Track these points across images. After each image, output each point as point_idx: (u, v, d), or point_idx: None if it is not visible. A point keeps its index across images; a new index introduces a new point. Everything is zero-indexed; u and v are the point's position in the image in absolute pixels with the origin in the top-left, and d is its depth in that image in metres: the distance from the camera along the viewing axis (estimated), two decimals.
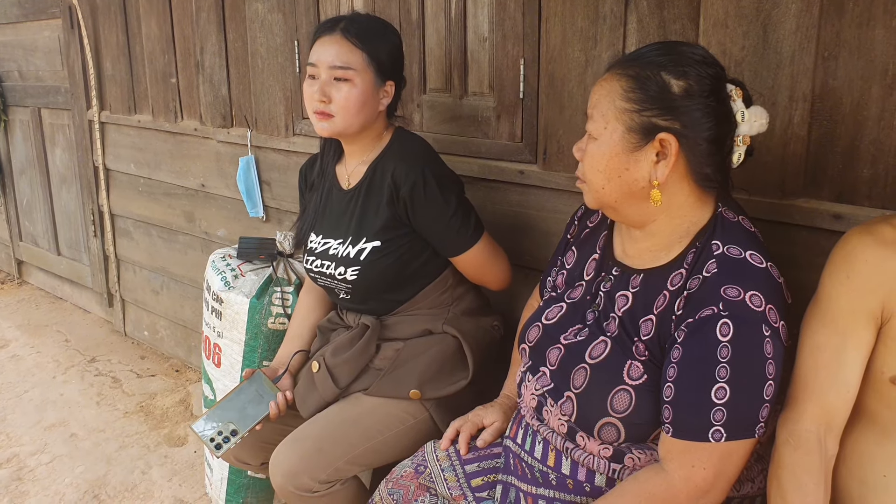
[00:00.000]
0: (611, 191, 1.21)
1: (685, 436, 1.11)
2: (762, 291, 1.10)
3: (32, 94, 4.00)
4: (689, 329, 1.12)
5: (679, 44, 1.21)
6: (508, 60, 1.85)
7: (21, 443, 2.83)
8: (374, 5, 2.15)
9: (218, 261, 2.27)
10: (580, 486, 1.27)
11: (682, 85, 1.15)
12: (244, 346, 2.15)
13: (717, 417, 1.08)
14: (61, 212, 4.08)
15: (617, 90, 1.18)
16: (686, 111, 1.15)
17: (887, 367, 1.08)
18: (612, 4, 1.63)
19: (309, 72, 1.69)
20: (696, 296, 1.14)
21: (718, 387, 1.08)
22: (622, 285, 1.28)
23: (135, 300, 3.66)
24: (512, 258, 1.96)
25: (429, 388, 1.72)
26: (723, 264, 1.14)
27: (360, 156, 1.77)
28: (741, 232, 1.20)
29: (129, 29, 3.17)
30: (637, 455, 1.22)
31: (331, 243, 1.79)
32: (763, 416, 1.09)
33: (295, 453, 1.64)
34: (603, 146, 1.20)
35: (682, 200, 1.21)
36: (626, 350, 1.21)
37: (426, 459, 1.52)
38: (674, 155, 1.16)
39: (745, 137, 1.19)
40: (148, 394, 3.19)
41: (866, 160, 1.35)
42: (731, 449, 1.10)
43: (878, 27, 1.29)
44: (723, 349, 1.08)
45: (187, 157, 3.06)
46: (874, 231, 1.11)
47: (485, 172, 1.96)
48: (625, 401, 1.18)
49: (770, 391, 1.09)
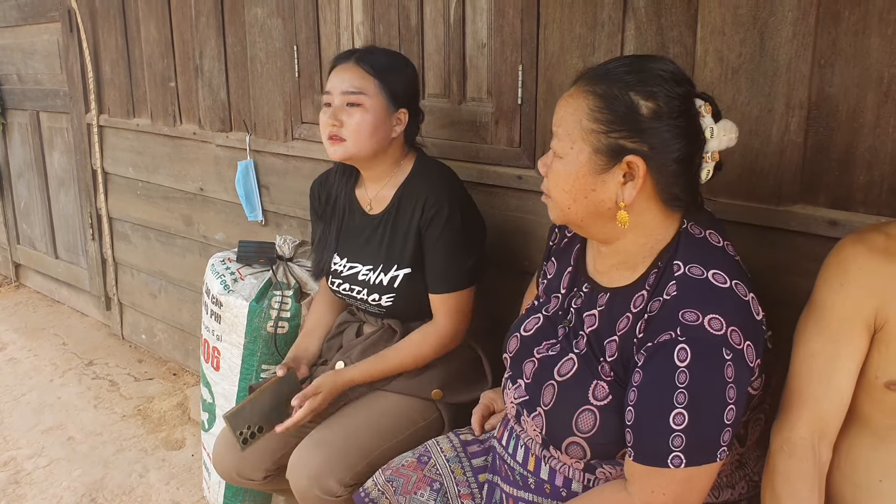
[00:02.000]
0: (577, 210, 1.19)
1: (645, 461, 1.10)
2: (723, 314, 1.07)
3: (31, 98, 4.00)
4: (648, 353, 1.10)
5: (648, 59, 1.17)
6: (507, 66, 1.86)
7: (18, 446, 2.83)
8: (374, 12, 2.16)
9: (217, 264, 2.28)
10: (557, 492, 1.27)
11: (650, 106, 1.11)
12: (243, 350, 2.15)
13: (676, 443, 1.06)
14: (59, 215, 4.08)
15: (584, 109, 1.14)
16: (654, 133, 1.11)
17: (881, 372, 1.09)
18: (611, 11, 1.65)
19: (324, 100, 1.73)
20: (655, 319, 1.12)
21: (676, 412, 1.05)
22: (590, 304, 1.26)
23: (132, 303, 3.66)
24: (509, 263, 1.98)
25: (449, 391, 1.78)
26: (682, 286, 1.12)
27: (381, 181, 1.80)
28: (706, 249, 1.17)
29: (129, 33, 3.18)
30: (608, 469, 1.21)
31: (359, 268, 1.81)
32: (724, 441, 1.07)
33: (319, 455, 1.64)
34: (569, 166, 1.16)
35: (648, 219, 1.18)
36: (592, 369, 1.20)
37: (429, 450, 1.52)
38: (641, 177, 1.12)
39: (714, 153, 1.16)
40: (145, 397, 3.19)
41: (862, 167, 1.36)
42: (692, 475, 1.08)
43: (873, 35, 1.31)
44: (680, 374, 1.05)
45: (186, 161, 3.06)
46: (867, 239, 1.12)
47: (483, 177, 1.97)
48: (589, 421, 1.17)
49: (731, 415, 1.06)
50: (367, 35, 2.20)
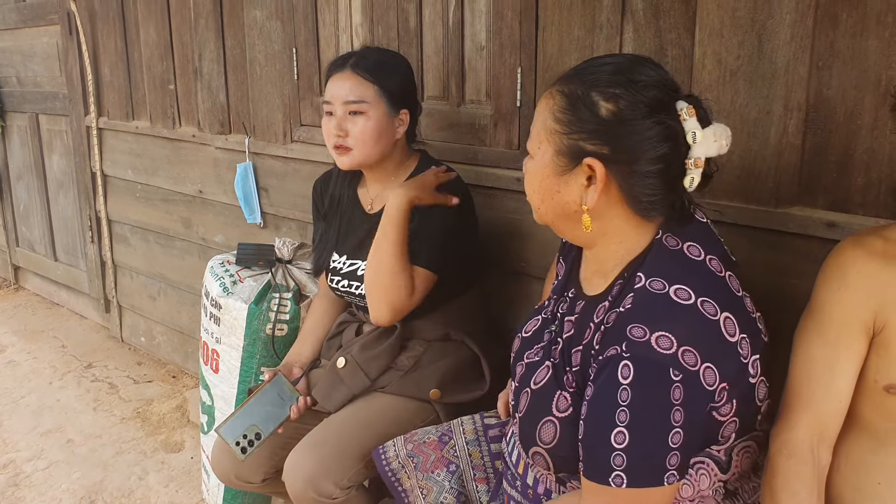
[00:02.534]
0: (546, 210, 1.18)
1: (590, 476, 1.06)
2: (675, 332, 1.01)
3: (30, 100, 4.00)
4: (598, 367, 1.07)
5: (628, 60, 1.12)
6: (506, 69, 1.87)
7: (17, 448, 2.83)
8: (373, 14, 2.16)
9: (217, 266, 2.28)
10: (538, 499, 1.26)
11: (610, 108, 1.07)
12: (242, 352, 2.15)
13: (617, 462, 1.02)
14: (58, 217, 4.08)
15: (550, 109, 1.12)
16: (615, 137, 1.07)
17: (881, 375, 1.09)
18: (609, 14, 1.65)
19: (325, 109, 1.74)
20: (608, 332, 1.08)
21: (618, 431, 1.01)
22: (571, 310, 1.24)
23: (132, 306, 3.66)
24: (508, 264, 1.98)
25: (447, 391, 1.77)
26: (638, 300, 1.07)
27: (384, 181, 1.81)
28: (677, 262, 1.11)
29: (128, 35, 3.18)
30: (576, 484, 1.19)
31: (358, 264, 1.82)
32: (672, 465, 1.01)
33: (315, 457, 1.63)
34: (537, 165, 1.15)
35: (617, 226, 1.14)
36: (559, 380, 1.17)
37: (451, 430, 1.52)
38: (601, 181, 1.08)
39: (698, 160, 1.08)
40: (145, 400, 3.19)
41: (860, 169, 1.36)
42: (637, 497, 1.03)
43: (871, 38, 1.31)
44: (622, 392, 1.01)
45: (185, 164, 3.07)
46: (865, 242, 1.12)
47: (482, 179, 1.97)
48: (550, 432, 1.15)
49: (678, 439, 1.01)
50: (366, 37, 2.20)
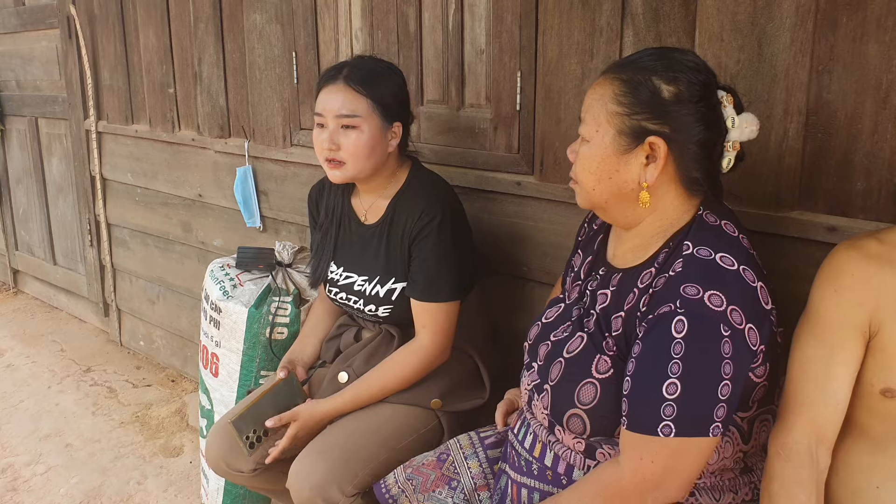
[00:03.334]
0: (601, 192, 1.24)
1: (636, 428, 1.12)
2: (725, 292, 1.10)
3: (30, 104, 4.00)
4: (647, 325, 1.14)
5: (672, 50, 1.23)
6: (505, 72, 1.87)
7: (16, 453, 2.82)
8: (373, 18, 2.16)
9: (217, 270, 2.28)
10: (558, 478, 1.30)
11: (672, 90, 1.17)
12: (242, 356, 2.15)
13: (668, 412, 1.09)
14: (58, 221, 4.07)
15: (609, 94, 1.21)
16: (675, 116, 1.17)
17: (877, 379, 1.09)
18: (609, 18, 1.65)
19: (317, 121, 1.72)
20: (658, 293, 1.16)
21: (670, 382, 1.09)
22: (604, 284, 1.31)
23: (131, 310, 3.66)
24: (508, 269, 1.97)
25: (448, 400, 1.77)
26: (688, 264, 1.16)
27: (377, 192, 1.80)
28: (718, 234, 1.20)
29: (127, 39, 3.18)
30: (608, 451, 1.24)
31: (354, 278, 1.81)
32: (718, 416, 1.09)
33: (322, 464, 1.63)
34: (594, 148, 1.22)
35: (667, 203, 1.23)
36: (597, 345, 1.24)
37: (449, 449, 1.55)
38: (663, 158, 1.18)
39: (735, 143, 1.21)
40: (144, 404, 3.18)
41: (860, 173, 1.36)
42: (683, 446, 1.10)
43: (871, 42, 1.31)
44: (676, 345, 1.09)
45: (184, 167, 3.06)
46: (861, 245, 1.13)
47: (481, 183, 1.97)
48: (590, 393, 1.21)
49: (726, 391, 1.08)
50: (366, 41, 2.20)
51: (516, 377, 1.75)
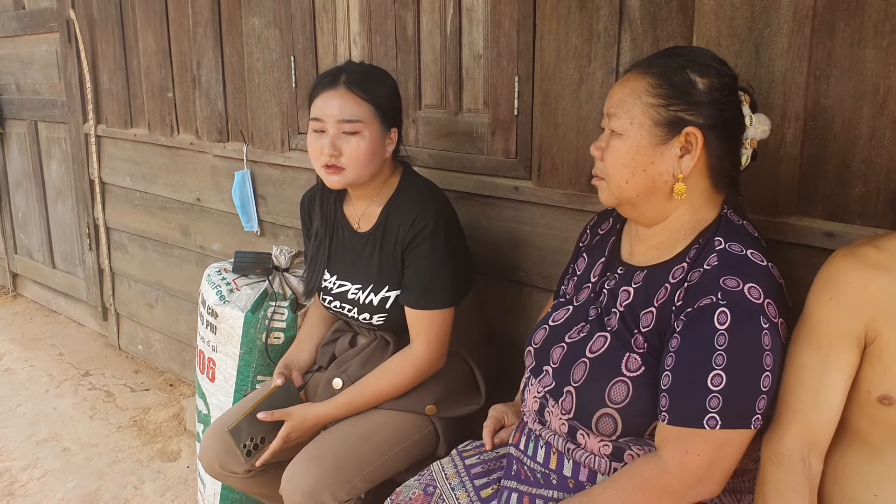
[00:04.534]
0: (634, 185, 1.24)
1: (680, 422, 1.12)
2: (761, 285, 1.13)
3: (29, 108, 4.00)
4: (687, 318, 1.15)
5: (694, 49, 1.27)
6: (503, 77, 1.86)
7: (13, 457, 2.82)
8: (371, 22, 2.16)
9: (213, 275, 2.27)
10: (581, 487, 1.28)
11: (705, 82, 1.20)
12: (239, 361, 2.14)
13: (713, 404, 1.09)
14: (57, 225, 4.07)
15: (643, 87, 1.22)
16: (709, 107, 1.19)
17: (874, 386, 1.09)
18: (607, 23, 1.65)
19: (313, 126, 1.68)
20: (695, 286, 1.17)
21: (714, 374, 1.09)
22: (625, 281, 1.30)
23: (129, 314, 3.65)
24: (506, 274, 1.97)
25: (443, 406, 1.76)
26: (723, 258, 1.17)
27: (370, 198, 1.78)
28: (744, 233, 1.23)
29: (126, 43, 3.18)
30: (636, 451, 1.23)
31: (348, 287, 1.80)
32: (760, 408, 1.10)
33: (315, 470, 1.62)
34: (629, 140, 1.23)
35: (696, 197, 1.25)
36: (625, 343, 1.24)
37: (434, 479, 1.50)
38: (699, 149, 1.20)
39: (753, 140, 1.25)
40: (141, 408, 3.18)
41: (858, 178, 1.36)
42: (727, 438, 1.10)
43: (868, 47, 1.31)
44: (720, 337, 1.10)
45: (183, 171, 3.06)
46: (858, 253, 1.12)
47: (479, 188, 1.97)
48: (622, 392, 1.20)
49: (767, 382, 1.10)
50: (364, 46, 2.20)
51: (511, 381, 1.75)
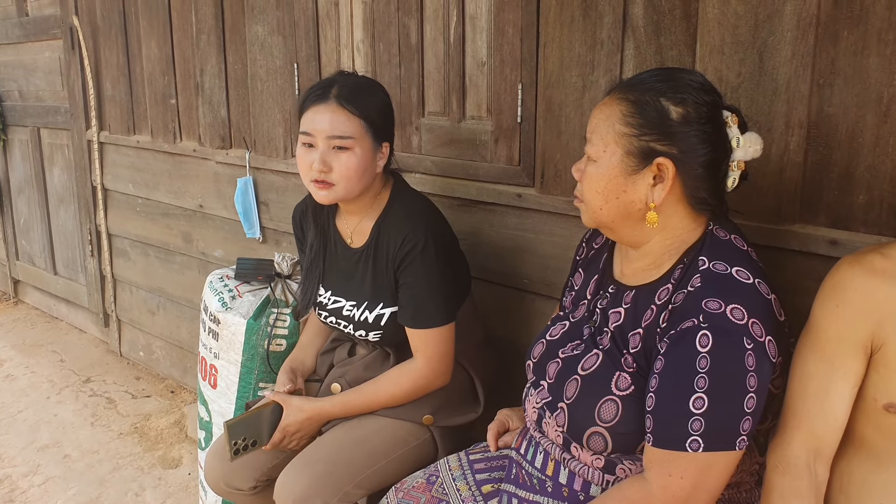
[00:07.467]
0: (608, 211, 1.24)
1: (664, 445, 1.12)
2: (745, 305, 1.11)
3: (32, 114, 4.01)
4: (670, 341, 1.14)
5: (678, 70, 1.24)
6: (506, 85, 1.87)
7: (14, 464, 2.81)
8: (374, 30, 2.16)
9: (215, 281, 2.27)
10: (575, 496, 1.29)
11: (679, 112, 1.17)
12: (241, 368, 2.14)
13: (695, 427, 1.09)
14: (59, 231, 4.07)
15: (616, 114, 1.21)
16: (683, 137, 1.17)
17: (880, 394, 1.09)
18: (610, 31, 1.65)
19: (303, 140, 1.64)
20: (679, 309, 1.16)
21: (697, 396, 1.09)
22: (616, 302, 1.31)
23: (131, 320, 3.65)
24: (509, 281, 1.97)
25: (441, 415, 1.75)
26: (706, 279, 1.16)
27: (361, 213, 1.75)
28: (730, 249, 1.22)
29: (130, 50, 3.19)
30: (628, 466, 1.24)
31: (342, 303, 1.79)
32: (744, 430, 1.09)
33: (306, 477, 1.61)
34: (602, 168, 1.22)
35: (676, 222, 1.24)
36: (615, 362, 1.24)
37: (438, 470, 1.53)
38: (670, 179, 1.18)
39: (740, 162, 1.22)
40: (143, 415, 3.17)
41: (862, 186, 1.36)
42: (711, 460, 1.10)
43: (872, 55, 1.31)
44: (701, 360, 1.09)
45: (185, 178, 3.07)
46: (864, 260, 1.12)
47: (482, 195, 1.97)
48: (611, 411, 1.20)
49: (751, 404, 1.09)
50: (368, 53, 2.20)
51: (512, 390, 1.75)
